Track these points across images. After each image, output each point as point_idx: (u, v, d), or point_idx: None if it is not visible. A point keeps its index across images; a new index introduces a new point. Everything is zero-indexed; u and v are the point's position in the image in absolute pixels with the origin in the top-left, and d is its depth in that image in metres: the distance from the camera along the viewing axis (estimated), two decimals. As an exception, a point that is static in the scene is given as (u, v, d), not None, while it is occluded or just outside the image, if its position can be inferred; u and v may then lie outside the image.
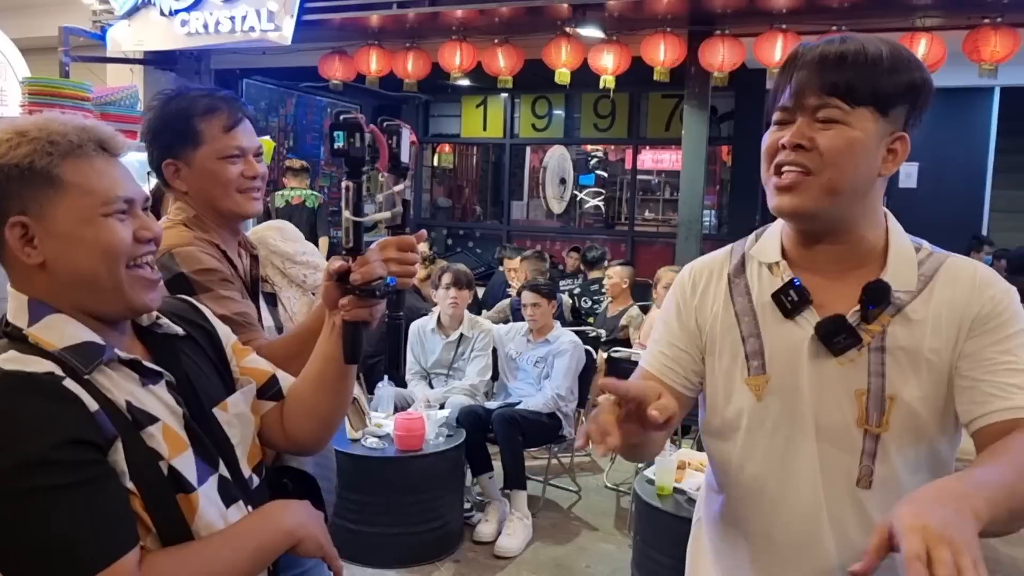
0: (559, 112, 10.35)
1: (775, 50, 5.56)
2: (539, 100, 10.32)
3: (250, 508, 1.21)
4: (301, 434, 1.34)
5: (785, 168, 1.17)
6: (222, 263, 1.61)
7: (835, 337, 1.20)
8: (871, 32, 4.55)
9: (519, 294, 4.76)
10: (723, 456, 1.35)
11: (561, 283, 7.40)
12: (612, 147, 10.49)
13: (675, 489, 3.17)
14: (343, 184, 1.27)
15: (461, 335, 4.41)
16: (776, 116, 1.22)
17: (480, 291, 7.34)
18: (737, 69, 5.96)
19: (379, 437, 3.70)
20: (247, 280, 1.70)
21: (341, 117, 1.24)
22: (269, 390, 1.33)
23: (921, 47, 5.31)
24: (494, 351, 4.61)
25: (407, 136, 1.49)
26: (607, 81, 6.08)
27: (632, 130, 9.88)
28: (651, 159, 11.17)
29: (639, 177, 10.30)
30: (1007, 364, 1.15)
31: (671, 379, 1.34)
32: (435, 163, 11.43)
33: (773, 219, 1.34)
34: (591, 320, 6.33)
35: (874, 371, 1.20)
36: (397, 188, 1.42)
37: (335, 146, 1.23)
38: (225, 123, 1.63)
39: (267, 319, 1.75)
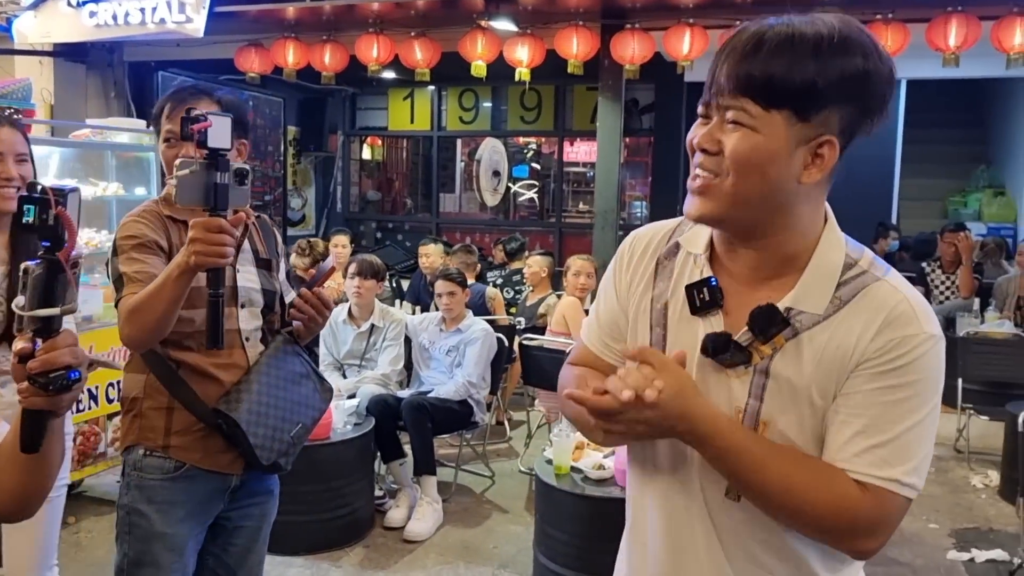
0: (486, 104, 10.42)
1: (683, 44, 5.72)
2: (466, 93, 10.37)
3: None
4: None
5: (696, 170, 1.09)
6: (157, 231, 1.90)
7: (721, 354, 1.12)
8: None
9: (432, 284, 4.82)
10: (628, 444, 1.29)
11: (488, 275, 7.49)
12: (544, 139, 10.60)
13: (572, 468, 3.28)
14: (22, 266, 1.11)
15: (373, 325, 4.45)
16: (699, 109, 1.11)
17: (406, 284, 7.40)
18: (655, 61, 6.11)
19: (286, 427, 3.72)
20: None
21: (38, 187, 1.10)
22: None
23: (820, 41, 5.51)
24: (408, 341, 4.67)
25: (222, 123, 1.62)
26: (522, 74, 6.17)
27: (558, 122, 10.01)
28: (583, 151, 11.32)
29: (571, 169, 10.44)
30: (868, 420, 1.06)
31: (607, 356, 1.29)
32: (364, 156, 11.40)
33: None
34: (513, 310, 6.43)
35: (754, 393, 1.12)
36: (183, 172, 1.63)
37: (24, 220, 1.09)
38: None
39: (250, 282, 2.00)
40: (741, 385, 1.13)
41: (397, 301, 6.38)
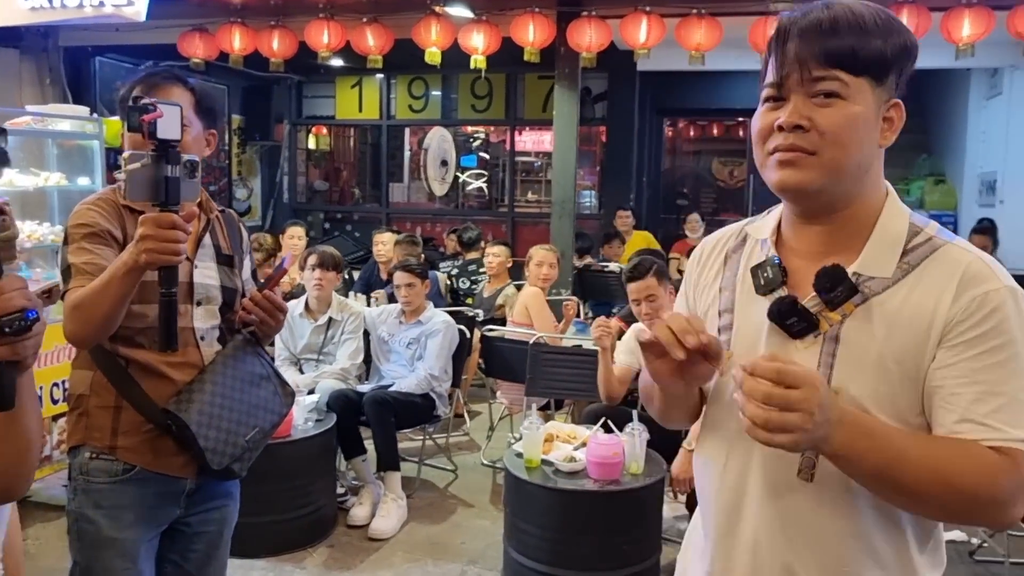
0: (436, 93, 10.30)
1: (639, 33, 5.70)
2: (415, 81, 10.23)
3: None
4: None
5: (784, 154, 1.11)
6: (110, 220, 1.80)
7: (787, 319, 1.13)
8: (728, 16, 4.68)
9: (390, 275, 4.71)
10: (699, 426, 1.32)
11: (441, 265, 7.40)
12: (493, 128, 10.52)
13: (543, 461, 3.22)
14: None
15: (330, 319, 4.33)
16: (766, 93, 1.14)
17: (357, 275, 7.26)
18: (608, 50, 6.08)
19: (245, 425, 3.60)
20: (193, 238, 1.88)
21: None
22: None
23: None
24: (366, 334, 4.56)
25: (172, 112, 1.53)
26: (478, 61, 6.08)
27: (509, 111, 9.93)
28: (532, 140, 11.26)
29: (521, 159, 10.39)
30: (980, 386, 1.04)
31: None
32: (310, 146, 11.17)
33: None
34: (469, 301, 6.35)
35: (824, 361, 1.12)
36: (133, 165, 1.56)
37: None
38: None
39: (209, 278, 1.91)
40: (810, 355, 1.13)
41: (349, 292, 6.24)
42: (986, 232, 5.91)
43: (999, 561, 3.42)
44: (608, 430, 3.30)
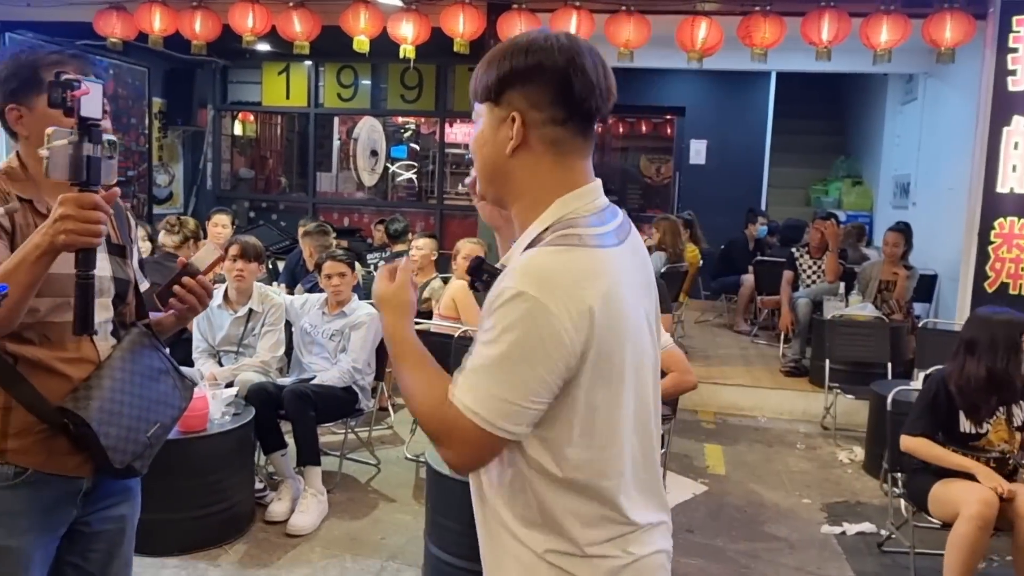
0: (366, 82, 10.16)
1: (570, 26, 5.71)
2: (344, 69, 10.06)
3: None
4: None
5: None
6: (3, 217, 1.67)
7: (477, 278, 1.44)
8: (656, 14, 4.72)
9: (318, 266, 4.60)
10: None
11: (368, 256, 7.30)
12: (423, 120, 10.44)
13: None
14: None
15: (251, 310, 4.23)
16: None
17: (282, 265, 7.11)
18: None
19: (158, 419, 3.48)
20: None
21: None
22: None
23: (701, 30, 5.64)
24: (288, 325, 4.48)
25: (96, 90, 1.48)
26: (406, 51, 6.01)
27: (440, 103, 9.86)
28: (463, 133, 11.21)
29: (452, 151, 10.32)
30: (470, 355, 1.23)
31: None
32: (235, 132, 10.89)
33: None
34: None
35: None
36: (59, 142, 1.49)
37: None
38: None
39: (102, 270, 1.77)
40: None
41: (273, 283, 6.11)
42: (901, 232, 6.12)
43: (905, 552, 3.55)
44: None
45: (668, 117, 11.86)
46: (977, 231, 5.53)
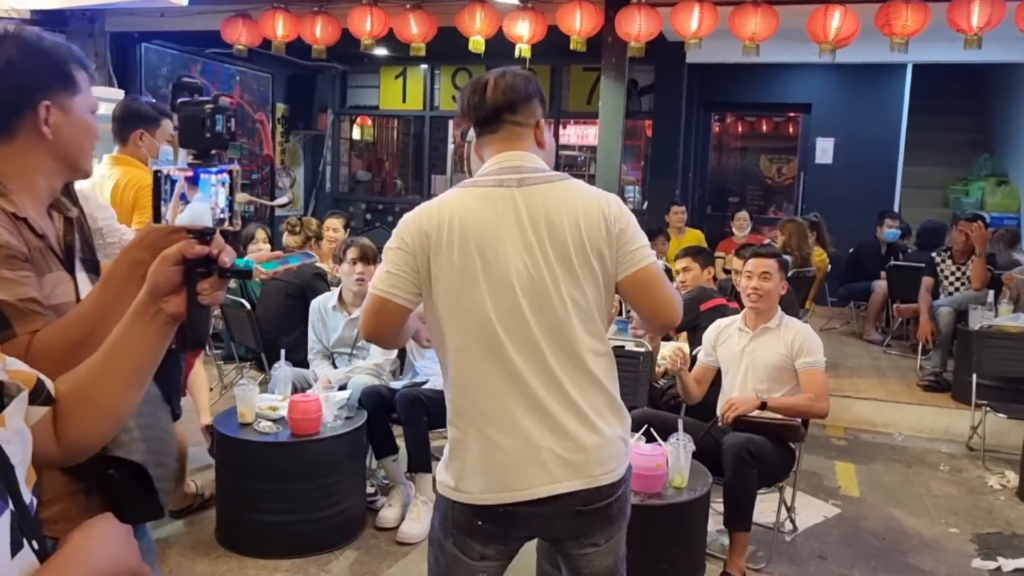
0: (481, 84, 10.14)
1: (691, 21, 5.47)
2: (459, 72, 10.08)
3: (35, 545, 0.98)
4: (86, 438, 1.17)
5: None
6: (15, 236, 1.34)
7: None
8: (785, 4, 4.48)
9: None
10: None
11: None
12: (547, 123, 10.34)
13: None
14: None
15: (365, 312, 4.20)
16: None
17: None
18: (656, 41, 5.85)
19: (273, 421, 3.48)
20: (60, 247, 1.46)
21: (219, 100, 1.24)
22: (38, 395, 1.09)
23: (835, 20, 5.28)
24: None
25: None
26: (523, 50, 5.91)
27: (553, 103, 9.73)
28: (576, 134, 11.07)
29: (565, 152, 10.18)
30: None
31: None
32: (354, 136, 11.10)
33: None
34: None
35: None
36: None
37: (217, 129, 1.24)
38: (89, 78, 1.48)
39: (85, 289, 1.47)
40: None
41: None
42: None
43: None
44: (650, 439, 3.13)
45: (791, 115, 11.35)
46: None
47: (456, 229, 1.76)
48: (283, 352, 3.84)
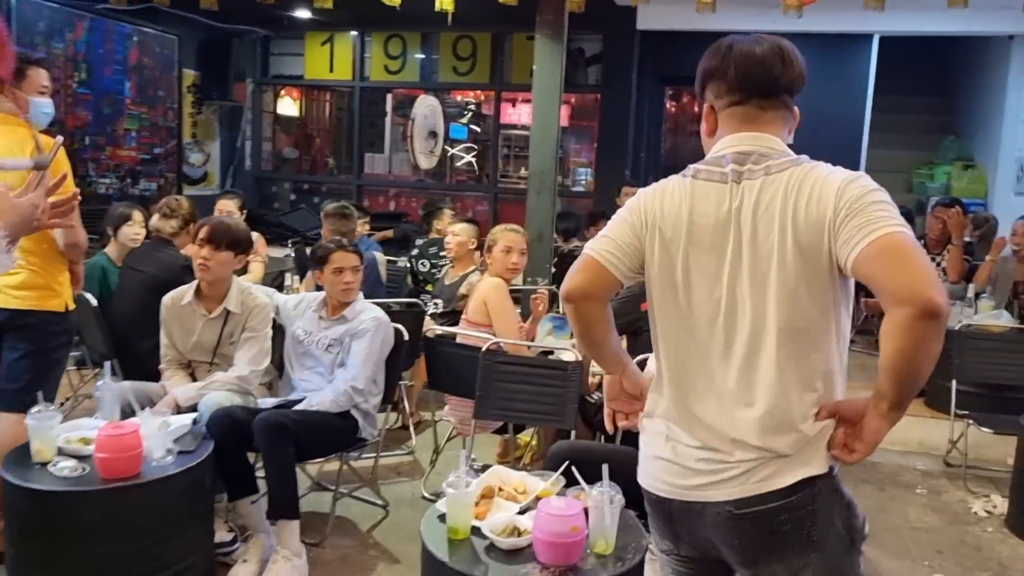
0: (416, 55, 9.31)
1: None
2: (392, 39, 9.23)
3: None
4: None
5: None
6: None
7: None
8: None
9: (319, 259, 3.69)
10: None
11: (418, 243, 6.45)
12: (483, 96, 9.54)
13: (474, 530, 2.29)
14: None
15: (227, 311, 3.38)
16: None
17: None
18: (605, 7, 5.11)
19: (80, 459, 2.66)
20: None
21: None
22: None
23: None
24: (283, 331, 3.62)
25: None
26: (443, 3, 5.07)
27: (495, 75, 8.95)
28: (525, 113, 10.26)
29: (512, 132, 9.41)
30: None
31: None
32: (279, 109, 10.15)
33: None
34: (430, 287, 5.41)
35: None
36: None
37: None
38: None
39: None
40: None
41: (287, 274, 5.29)
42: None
43: None
44: (572, 482, 2.40)
45: (750, 91, 10.69)
46: None
47: None
48: (108, 365, 2.98)
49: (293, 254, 6.33)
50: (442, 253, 5.34)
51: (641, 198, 1.67)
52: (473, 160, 9.79)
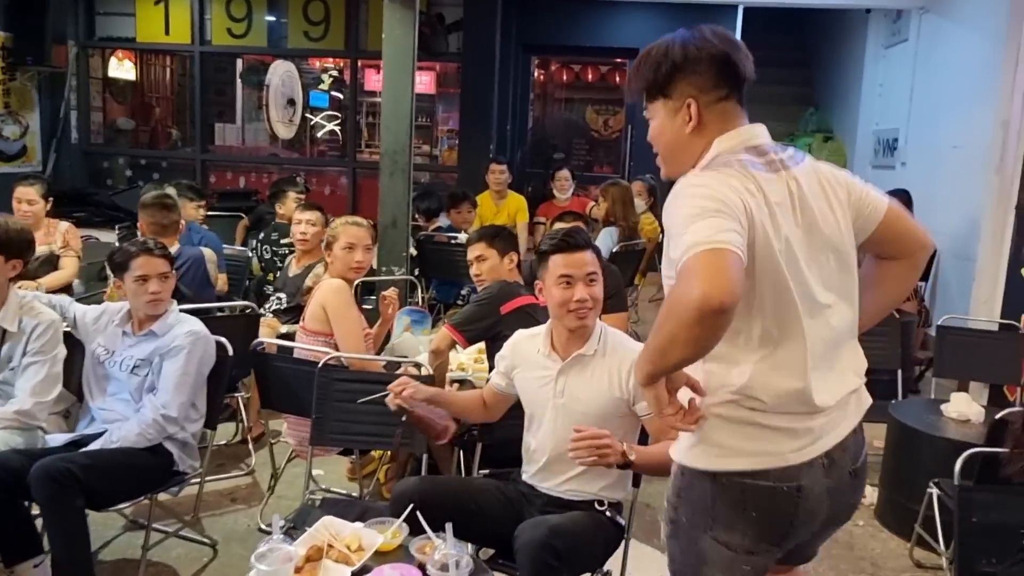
0: (266, 18, 8.58)
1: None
2: (236, 0, 8.45)
3: None
4: None
5: None
6: None
7: None
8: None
9: (116, 265, 3.12)
10: None
11: (272, 235, 5.86)
12: (342, 65, 8.93)
13: None
14: None
15: (3, 330, 2.80)
16: None
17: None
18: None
19: None
20: None
21: None
22: None
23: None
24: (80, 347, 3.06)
25: None
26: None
27: (350, 41, 8.35)
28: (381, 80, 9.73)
29: (370, 99, 8.85)
30: None
31: None
32: (110, 74, 9.17)
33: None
34: (272, 279, 4.88)
35: None
36: None
37: None
38: None
39: None
40: None
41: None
42: (902, 200, 4.92)
43: None
44: (417, 530, 2.05)
45: (619, 61, 10.52)
46: (1015, 204, 4.34)
47: None
48: None
49: (117, 243, 5.63)
50: (283, 240, 4.82)
51: (717, 187, 1.47)
52: (337, 129, 9.19)
